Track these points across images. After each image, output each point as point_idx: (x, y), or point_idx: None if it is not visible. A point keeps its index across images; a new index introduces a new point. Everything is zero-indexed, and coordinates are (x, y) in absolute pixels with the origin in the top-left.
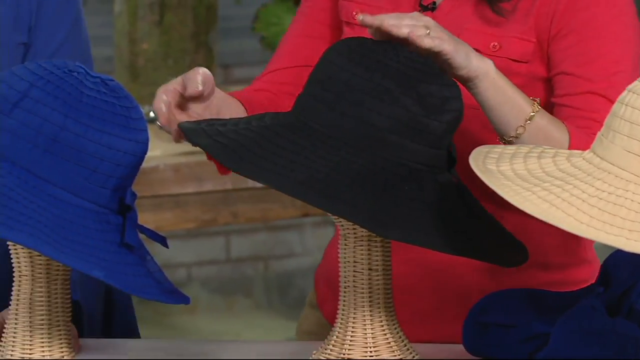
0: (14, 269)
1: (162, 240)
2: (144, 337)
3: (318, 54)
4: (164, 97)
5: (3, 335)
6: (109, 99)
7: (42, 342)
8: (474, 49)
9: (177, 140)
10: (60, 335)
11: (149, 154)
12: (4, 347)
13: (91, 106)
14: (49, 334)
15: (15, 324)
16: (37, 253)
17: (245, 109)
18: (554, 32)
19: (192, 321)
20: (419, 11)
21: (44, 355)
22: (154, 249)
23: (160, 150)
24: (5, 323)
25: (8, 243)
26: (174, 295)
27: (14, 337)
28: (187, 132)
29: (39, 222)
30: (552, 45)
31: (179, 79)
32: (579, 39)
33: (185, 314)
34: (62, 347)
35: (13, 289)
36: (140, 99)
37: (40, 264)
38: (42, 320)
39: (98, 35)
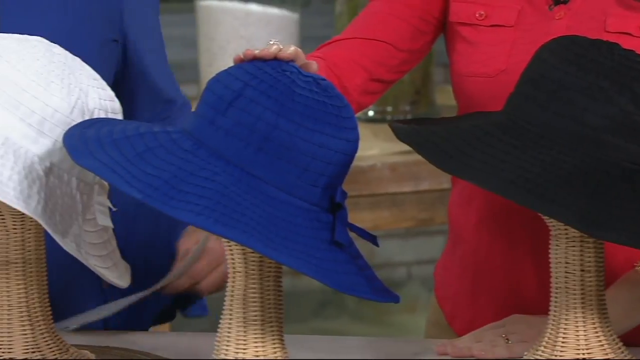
0: (228, 265)
1: (372, 239)
2: (361, 336)
3: (400, 35)
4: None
5: (218, 330)
6: (320, 98)
7: (256, 338)
8: (623, 32)
9: None
10: (273, 331)
11: (367, 153)
12: (219, 341)
13: (303, 105)
14: (262, 330)
15: (230, 319)
16: (250, 250)
17: None
18: None
19: (411, 320)
20: (551, 5)
21: (257, 351)
22: (374, 247)
23: (378, 149)
24: None
25: (223, 240)
26: (384, 293)
27: (228, 333)
28: (399, 132)
29: (252, 220)
30: None
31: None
32: None
33: (405, 313)
34: (274, 344)
35: (227, 285)
36: None
37: (254, 261)
38: (256, 316)
39: (321, 35)
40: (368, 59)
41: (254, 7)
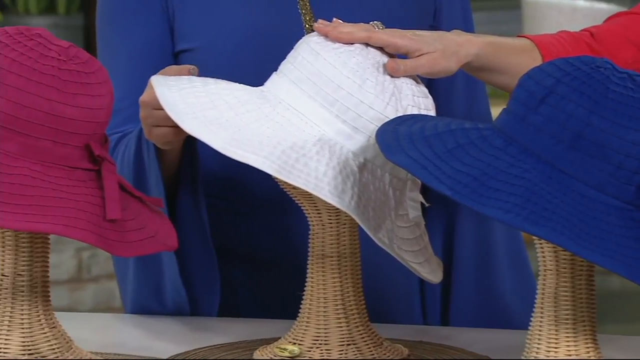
0: (539, 263)
1: None
2: None
3: None
4: None
5: (530, 328)
6: (635, 94)
7: (568, 338)
8: None
9: None
10: (586, 331)
11: None
12: (530, 339)
13: (616, 102)
14: (574, 329)
15: (541, 318)
16: (561, 248)
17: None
18: None
19: None
20: None
21: (569, 351)
22: None
23: None
24: None
25: (534, 238)
26: None
27: (539, 331)
28: None
29: (562, 218)
30: None
31: None
32: None
33: None
34: (587, 344)
35: (538, 283)
36: None
37: (565, 259)
38: (567, 315)
39: None
40: None
41: (581, 3)
